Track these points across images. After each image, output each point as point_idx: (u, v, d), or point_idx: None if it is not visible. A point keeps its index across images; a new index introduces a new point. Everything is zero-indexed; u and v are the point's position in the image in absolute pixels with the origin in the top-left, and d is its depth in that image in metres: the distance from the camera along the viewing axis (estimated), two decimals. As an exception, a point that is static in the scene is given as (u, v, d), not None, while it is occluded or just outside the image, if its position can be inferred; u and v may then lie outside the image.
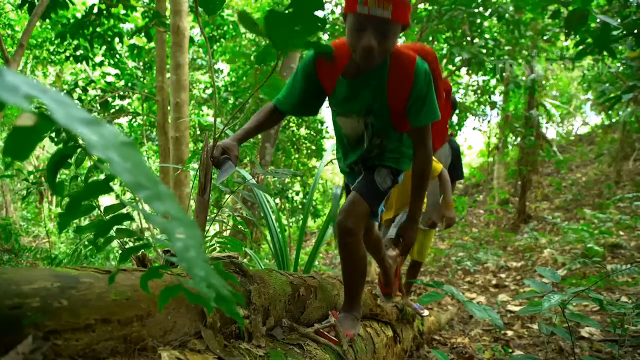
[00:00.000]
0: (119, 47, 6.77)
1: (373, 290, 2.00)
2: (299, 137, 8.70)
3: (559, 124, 15.38)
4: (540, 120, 9.19)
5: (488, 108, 9.26)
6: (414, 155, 1.51)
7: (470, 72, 7.40)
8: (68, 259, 3.89)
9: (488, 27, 6.56)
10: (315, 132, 8.70)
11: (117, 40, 5.91)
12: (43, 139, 0.36)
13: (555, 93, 12.88)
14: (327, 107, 1.59)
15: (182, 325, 0.84)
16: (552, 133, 16.65)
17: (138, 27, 5.84)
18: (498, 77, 6.38)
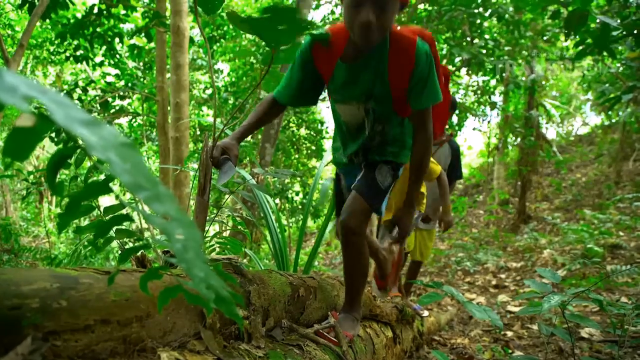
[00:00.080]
0: (119, 47, 6.77)
1: (369, 289, 2.00)
2: (299, 137, 8.70)
3: (559, 125, 15.37)
4: (540, 121, 9.18)
5: (488, 108, 9.26)
6: (414, 140, 1.47)
7: (470, 72, 7.39)
8: (68, 260, 3.90)
9: (488, 27, 6.56)
10: (315, 132, 8.71)
11: (117, 41, 5.93)
12: (43, 140, 0.36)
13: (555, 93, 12.87)
14: (326, 98, 1.58)
15: (181, 326, 0.83)
16: (552, 133, 16.67)
17: (138, 27, 5.85)
18: (498, 77, 6.38)
